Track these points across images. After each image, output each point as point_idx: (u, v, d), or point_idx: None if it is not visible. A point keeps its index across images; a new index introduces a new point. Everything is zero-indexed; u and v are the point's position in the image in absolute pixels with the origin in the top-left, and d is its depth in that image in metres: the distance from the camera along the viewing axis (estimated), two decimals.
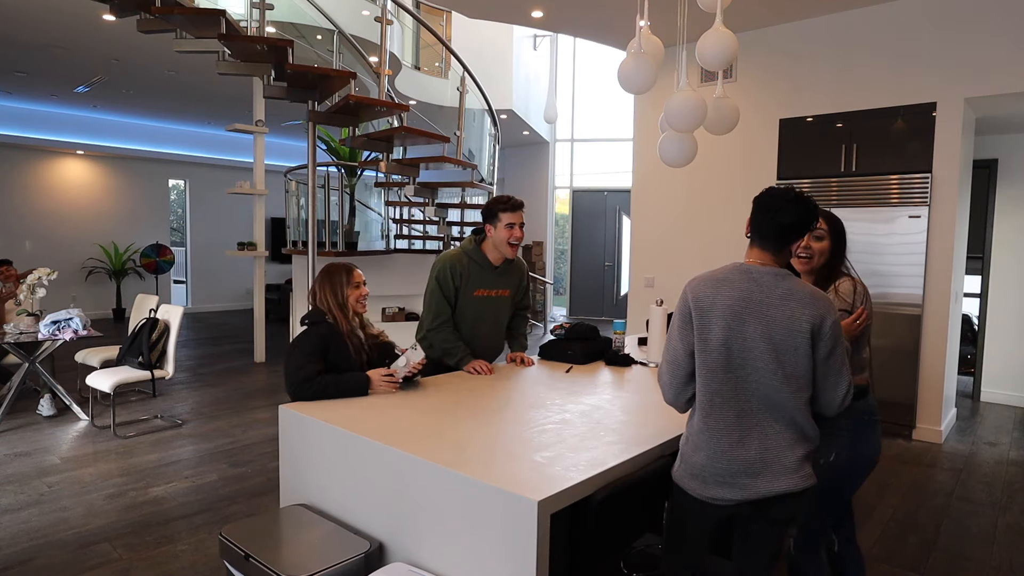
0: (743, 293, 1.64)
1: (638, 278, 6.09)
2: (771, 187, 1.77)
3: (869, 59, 4.76)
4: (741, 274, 1.67)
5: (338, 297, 2.45)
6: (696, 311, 1.66)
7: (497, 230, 2.78)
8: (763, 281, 1.65)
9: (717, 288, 1.66)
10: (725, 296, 1.64)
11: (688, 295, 1.70)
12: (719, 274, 1.69)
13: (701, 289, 1.68)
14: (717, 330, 1.62)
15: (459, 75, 6.42)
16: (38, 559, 2.72)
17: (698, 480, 1.66)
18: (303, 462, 2.11)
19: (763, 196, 1.74)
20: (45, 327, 4.64)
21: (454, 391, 2.44)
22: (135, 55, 6.76)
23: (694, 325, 1.66)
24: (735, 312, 1.62)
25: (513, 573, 1.48)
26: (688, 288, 1.72)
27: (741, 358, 1.61)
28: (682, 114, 2.97)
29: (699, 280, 1.71)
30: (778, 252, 1.71)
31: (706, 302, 1.65)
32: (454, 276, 2.80)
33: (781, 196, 1.70)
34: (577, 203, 11.62)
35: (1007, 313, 5.66)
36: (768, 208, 1.69)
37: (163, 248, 10.91)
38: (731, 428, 1.62)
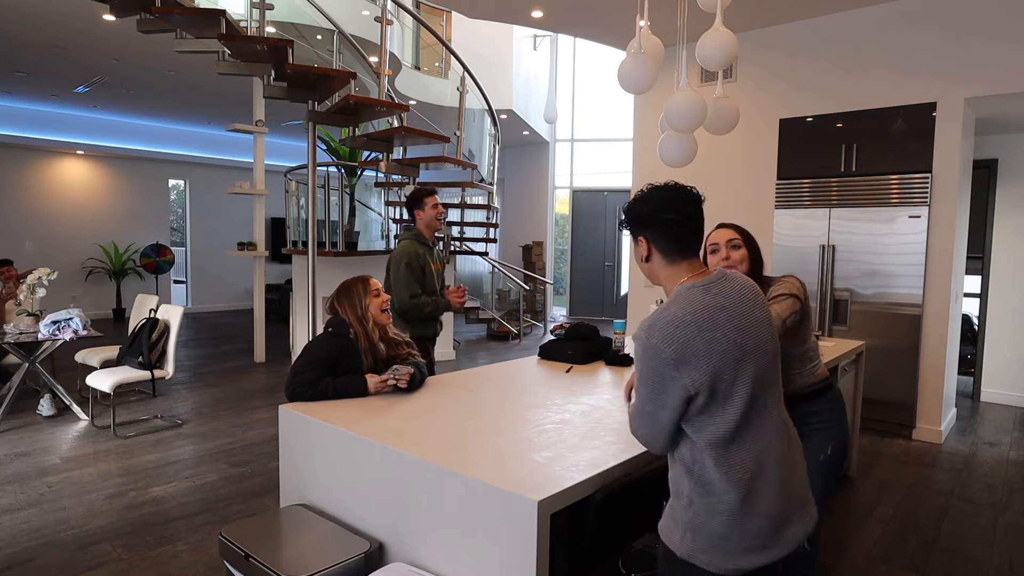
0: (732, 312, 1.35)
1: (638, 278, 6.09)
2: (636, 196, 1.48)
3: (869, 59, 4.76)
4: (704, 294, 1.36)
5: (358, 310, 2.43)
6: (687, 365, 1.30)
7: (426, 211, 3.39)
8: (728, 288, 1.39)
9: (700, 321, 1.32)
10: (709, 327, 1.32)
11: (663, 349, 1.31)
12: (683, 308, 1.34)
13: (675, 338, 1.31)
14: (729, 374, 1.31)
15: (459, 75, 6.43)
16: (38, 559, 2.72)
17: (719, 552, 1.34)
18: (303, 462, 2.11)
19: (649, 200, 1.44)
20: (45, 327, 4.64)
21: (454, 391, 2.44)
22: (135, 55, 6.76)
23: (701, 388, 1.30)
24: (738, 342, 1.33)
25: (513, 573, 1.48)
26: (657, 341, 1.32)
27: (756, 389, 1.35)
28: (682, 114, 2.97)
29: (664, 325, 1.33)
30: (696, 257, 1.44)
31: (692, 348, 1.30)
32: (419, 259, 3.32)
33: (673, 190, 1.44)
34: (577, 203, 11.63)
35: (1007, 313, 5.66)
36: (671, 208, 1.42)
37: (163, 248, 10.91)
38: (751, 473, 1.34)
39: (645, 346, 1.35)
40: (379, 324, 2.48)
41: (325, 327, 2.44)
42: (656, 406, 1.36)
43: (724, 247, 2.16)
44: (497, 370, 2.87)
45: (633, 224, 1.48)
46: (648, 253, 1.46)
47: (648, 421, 1.39)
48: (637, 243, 1.48)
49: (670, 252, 1.43)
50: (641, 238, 1.47)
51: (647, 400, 1.38)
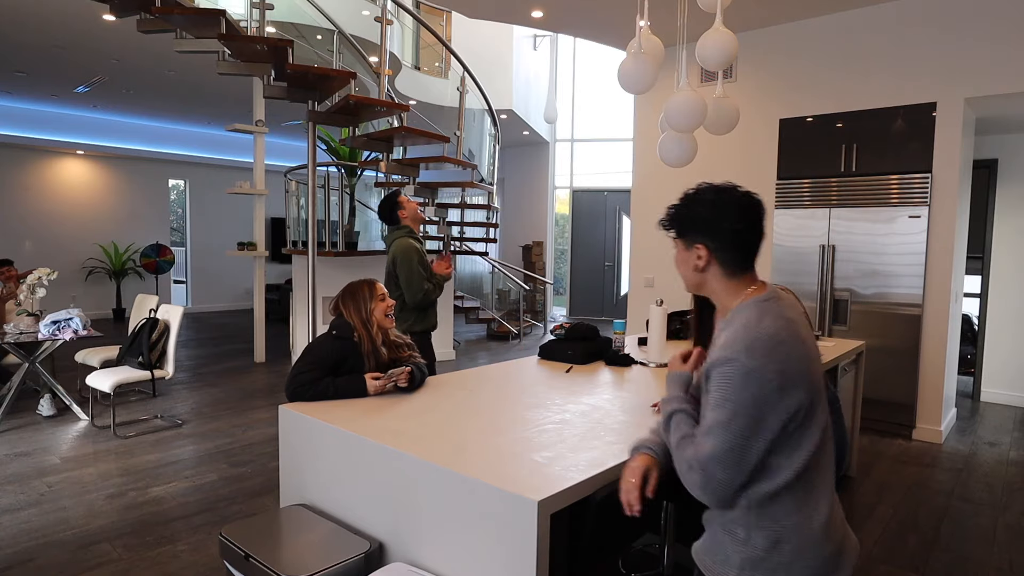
0: (806, 330, 1.26)
1: (638, 278, 6.09)
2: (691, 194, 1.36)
3: (869, 59, 4.76)
4: (781, 306, 1.27)
5: (362, 313, 2.42)
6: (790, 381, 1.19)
7: (408, 209, 3.62)
8: (794, 305, 1.31)
9: (792, 337, 1.22)
10: (803, 342, 1.23)
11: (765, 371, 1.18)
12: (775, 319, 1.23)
13: (778, 353, 1.19)
14: (815, 394, 1.22)
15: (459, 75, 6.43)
16: (38, 559, 2.72)
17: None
18: (303, 462, 2.11)
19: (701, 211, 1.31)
20: (45, 327, 4.64)
21: (454, 391, 2.44)
22: (135, 55, 6.77)
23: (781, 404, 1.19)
24: (815, 355, 1.26)
25: (513, 573, 1.48)
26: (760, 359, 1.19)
27: (825, 414, 1.27)
28: (682, 114, 2.97)
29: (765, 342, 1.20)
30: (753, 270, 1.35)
31: (795, 366, 1.20)
32: (420, 252, 3.55)
33: (751, 198, 1.33)
34: (577, 203, 11.63)
35: (1007, 313, 5.66)
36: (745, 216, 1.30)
37: (163, 248, 10.92)
38: (822, 502, 1.26)
39: (746, 372, 1.18)
40: (383, 328, 2.47)
41: (329, 329, 2.44)
42: (750, 442, 1.19)
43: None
44: (497, 370, 2.87)
45: (689, 228, 1.32)
46: (706, 263, 1.31)
47: (735, 461, 1.19)
48: (690, 249, 1.33)
49: (734, 264, 1.29)
50: (700, 246, 1.31)
51: (738, 436, 1.19)
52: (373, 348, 2.41)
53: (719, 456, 1.21)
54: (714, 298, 1.35)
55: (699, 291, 1.39)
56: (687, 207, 1.34)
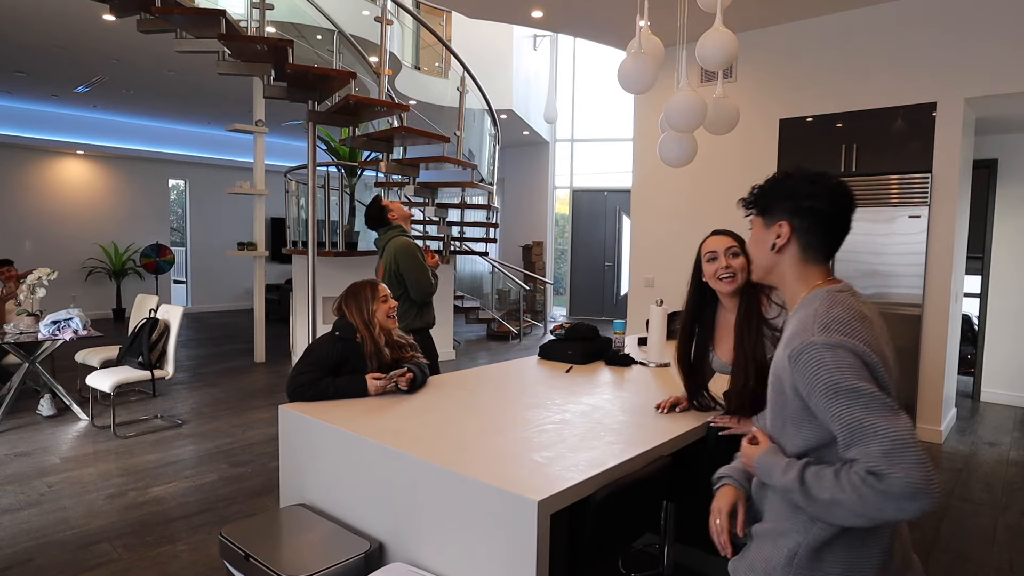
0: (882, 330, 1.18)
1: (638, 278, 6.09)
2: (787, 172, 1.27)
3: (869, 59, 4.76)
4: (856, 300, 1.19)
5: (364, 314, 2.42)
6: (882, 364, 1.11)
7: (396, 209, 3.63)
8: (871, 307, 1.22)
9: (867, 328, 1.13)
10: (877, 338, 1.14)
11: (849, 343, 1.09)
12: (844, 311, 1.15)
13: (859, 335, 1.11)
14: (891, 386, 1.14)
15: (459, 75, 6.43)
16: (38, 559, 2.72)
17: None
18: (303, 462, 2.11)
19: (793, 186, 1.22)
20: (45, 327, 4.64)
21: (454, 391, 2.44)
22: (135, 55, 6.76)
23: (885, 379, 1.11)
24: (891, 356, 1.17)
25: (513, 573, 1.48)
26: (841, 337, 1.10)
27: None
28: (682, 114, 2.97)
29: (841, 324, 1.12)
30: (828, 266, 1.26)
31: (877, 350, 1.11)
32: (420, 250, 3.57)
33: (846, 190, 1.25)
34: (577, 203, 11.63)
35: (1007, 313, 5.66)
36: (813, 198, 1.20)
37: (163, 248, 10.92)
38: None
39: (832, 346, 1.08)
40: (385, 329, 2.47)
41: (332, 329, 2.44)
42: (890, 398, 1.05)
43: (723, 255, 2.05)
44: (497, 370, 2.87)
45: (775, 204, 1.23)
46: (785, 243, 1.22)
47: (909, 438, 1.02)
48: (770, 227, 1.23)
49: (814, 249, 1.21)
50: (783, 223, 1.22)
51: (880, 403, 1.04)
52: (376, 349, 2.40)
53: (903, 440, 1.01)
54: (782, 285, 1.26)
55: (767, 277, 1.29)
56: (779, 182, 1.25)
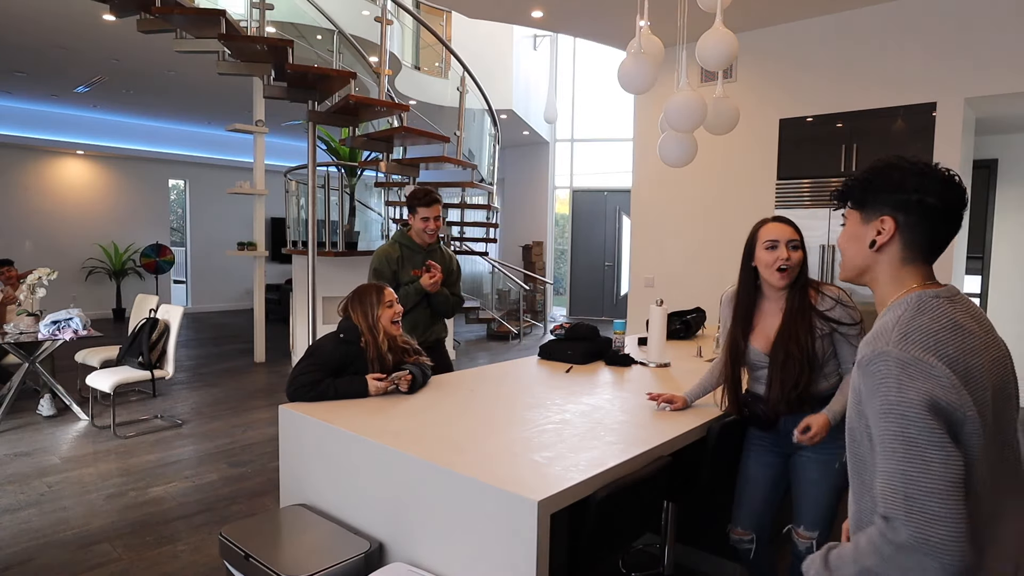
0: (982, 337, 1.04)
1: (638, 278, 6.09)
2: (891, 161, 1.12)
3: (869, 59, 4.76)
4: (952, 308, 1.05)
5: (369, 319, 2.41)
6: (961, 384, 0.97)
7: (415, 221, 3.12)
8: (971, 310, 1.08)
9: (961, 343, 1.00)
10: (971, 350, 1.00)
11: (931, 363, 0.97)
12: (935, 320, 1.02)
13: (944, 347, 0.99)
14: (983, 405, 0.98)
15: (459, 75, 6.43)
16: (38, 559, 2.72)
17: None
18: (303, 462, 2.11)
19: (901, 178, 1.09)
20: (45, 327, 4.64)
21: (454, 391, 2.44)
22: (135, 55, 6.76)
23: (960, 409, 0.96)
24: (992, 369, 1.02)
25: (513, 573, 1.48)
26: (917, 353, 0.98)
27: (1006, 437, 1.04)
28: (682, 114, 2.97)
29: (923, 336, 1.00)
30: (931, 267, 1.13)
31: (961, 365, 0.98)
32: (389, 263, 3.07)
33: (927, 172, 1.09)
34: (577, 203, 11.63)
35: (1007, 313, 5.66)
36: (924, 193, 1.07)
37: (163, 248, 10.92)
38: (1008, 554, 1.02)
39: (904, 363, 0.97)
40: (389, 334, 2.47)
41: (336, 331, 2.43)
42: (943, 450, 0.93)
43: (784, 246, 1.95)
44: (497, 370, 2.87)
45: (877, 196, 1.10)
46: (887, 240, 1.09)
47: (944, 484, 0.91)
48: (870, 223, 1.11)
49: (917, 249, 1.08)
50: (887, 218, 1.09)
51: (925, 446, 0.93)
52: (379, 353, 2.40)
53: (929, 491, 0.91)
54: (876, 287, 1.14)
55: (860, 278, 1.17)
56: (883, 172, 1.11)
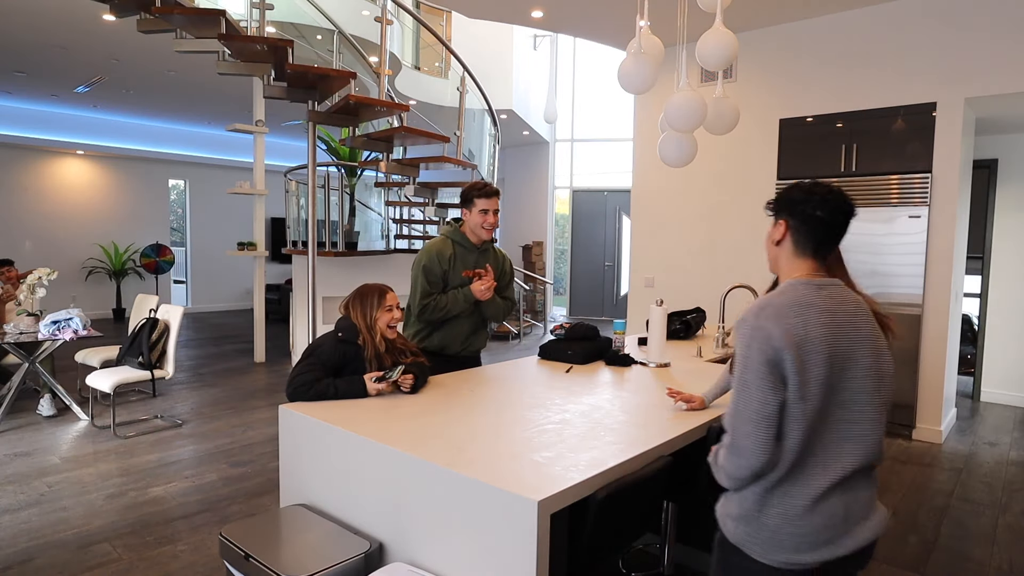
0: (831, 315, 1.36)
1: (638, 278, 6.09)
2: (796, 183, 1.51)
3: (869, 59, 4.76)
4: (813, 292, 1.39)
5: (367, 319, 2.42)
6: (791, 348, 1.31)
7: (472, 215, 2.89)
8: (838, 295, 1.41)
9: (804, 315, 1.34)
10: (816, 323, 1.34)
11: (771, 330, 1.33)
12: (794, 298, 1.38)
13: (786, 320, 1.33)
14: (818, 368, 1.32)
15: (459, 75, 6.42)
16: (38, 559, 2.72)
17: (769, 544, 1.39)
18: (303, 462, 2.11)
19: (813, 199, 1.45)
20: (45, 327, 4.64)
21: (454, 391, 2.44)
22: (135, 55, 6.76)
23: (789, 368, 1.31)
24: (832, 341, 1.34)
25: (513, 573, 1.48)
26: (764, 322, 1.35)
27: (840, 396, 1.36)
28: (682, 114, 2.97)
29: (774, 310, 1.36)
30: (827, 259, 1.48)
31: (799, 334, 1.32)
32: (441, 261, 2.85)
33: (834, 194, 1.44)
34: (577, 203, 11.63)
35: (1007, 313, 5.66)
36: (824, 208, 1.43)
37: (163, 248, 10.92)
38: (817, 481, 1.36)
39: (752, 329, 1.35)
40: (385, 337, 2.47)
41: (335, 330, 2.43)
42: (768, 396, 1.32)
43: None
44: (497, 370, 2.87)
45: (780, 205, 1.51)
46: (782, 238, 1.49)
47: (758, 416, 1.32)
48: (776, 224, 1.52)
49: (802, 246, 1.46)
50: (782, 221, 1.49)
51: (756, 390, 1.33)
52: (376, 354, 2.41)
53: (745, 420, 1.33)
54: (779, 274, 1.51)
55: (774, 267, 1.54)
56: (788, 190, 1.51)
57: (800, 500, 1.36)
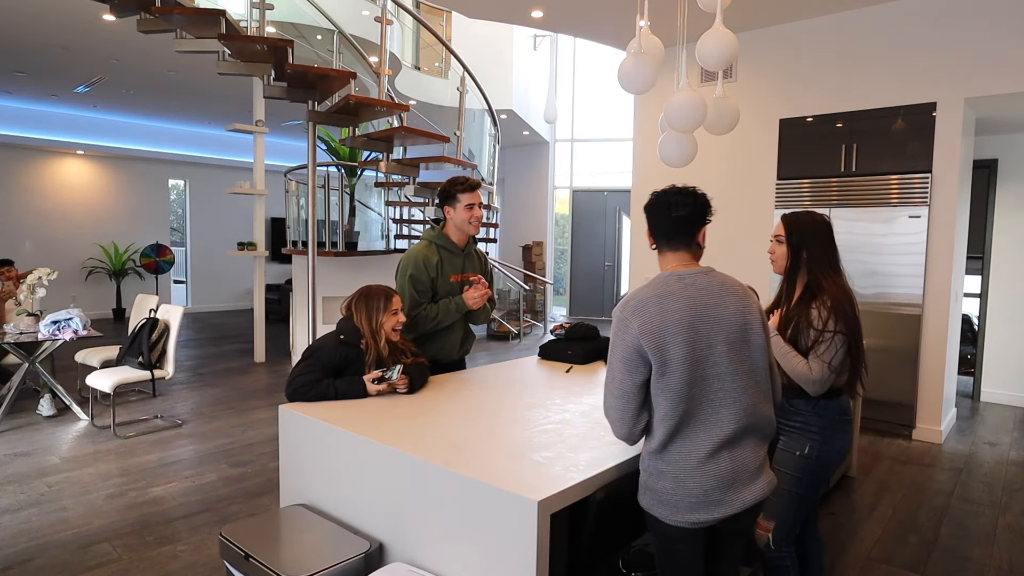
0: (688, 301, 1.56)
1: (638, 278, 6.09)
2: (655, 191, 1.74)
3: (869, 59, 4.76)
4: (675, 282, 1.60)
5: (372, 323, 2.39)
6: (647, 336, 1.52)
7: (457, 212, 2.73)
8: (697, 283, 1.60)
9: (662, 306, 1.54)
10: (672, 310, 1.54)
11: (631, 322, 1.55)
12: (654, 290, 1.59)
13: (645, 312, 1.54)
14: (676, 348, 1.51)
15: (459, 75, 6.42)
16: (38, 559, 2.72)
17: (669, 507, 1.56)
18: (303, 462, 2.11)
19: (652, 199, 1.71)
20: (45, 327, 4.64)
21: (454, 391, 2.44)
22: (135, 55, 6.76)
23: (647, 351, 1.52)
24: (689, 324, 1.53)
25: (513, 573, 1.48)
26: (626, 314, 1.57)
27: (703, 369, 1.54)
28: (682, 114, 2.97)
29: (637, 303, 1.57)
30: (690, 248, 1.68)
31: (655, 323, 1.52)
32: (428, 268, 2.70)
33: (668, 192, 1.69)
34: (577, 203, 11.63)
35: (1007, 313, 5.66)
36: (662, 207, 1.68)
37: (163, 248, 10.91)
38: (700, 444, 1.54)
39: (618, 320, 1.59)
40: (389, 340, 2.46)
41: (336, 332, 2.41)
42: (628, 378, 1.56)
43: (773, 239, 2.18)
44: (497, 370, 2.87)
45: (646, 213, 1.73)
46: (651, 241, 1.73)
47: (621, 394, 1.57)
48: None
49: (659, 241, 1.70)
50: (647, 227, 1.73)
51: (619, 372, 1.57)
52: (378, 358, 2.40)
53: (611, 394, 1.59)
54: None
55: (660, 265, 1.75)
56: (652, 196, 1.75)
57: (689, 461, 1.54)
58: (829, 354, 1.97)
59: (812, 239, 2.09)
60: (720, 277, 1.65)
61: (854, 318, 2.03)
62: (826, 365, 1.97)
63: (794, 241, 2.11)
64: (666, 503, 1.56)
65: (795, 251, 2.11)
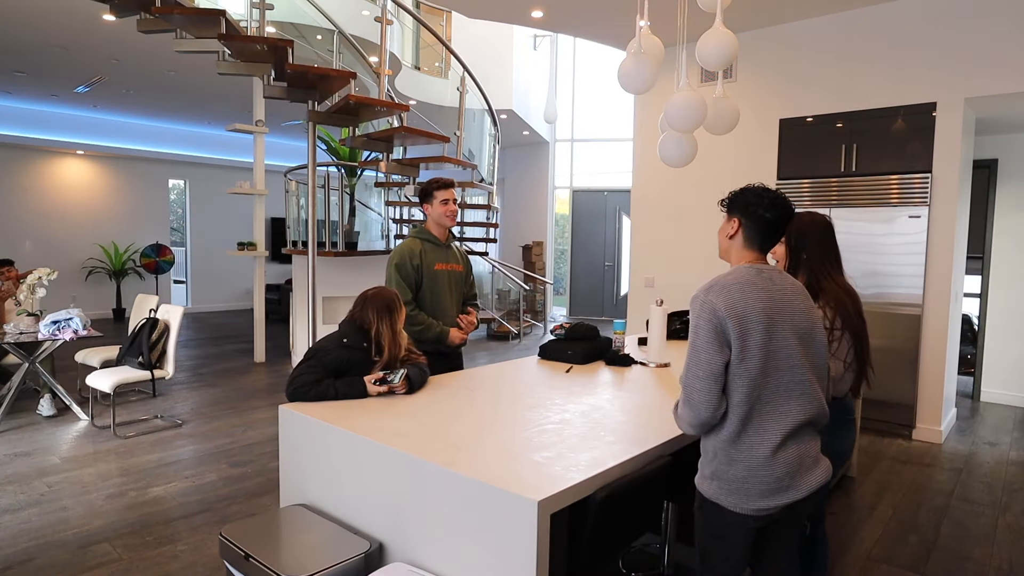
0: (768, 293, 1.62)
1: (638, 278, 6.09)
2: (747, 186, 1.76)
3: (869, 59, 4.76)
4: (755, 274, 1.65)
5: (395, 333, 2.39)
6: (732, 319, 1.56)
7: (434, 207, 3.03)
8: (774, 278, 1.66)
9: (744, 292, 1.59)
10: (755, 299, 1.59)
11: (716, 304, 1.58)
12: (736, 278, 1.63)
13: (730, 296, 1.59)
14: (756, 335, 1.56)
15: (459, 75, 6.43)
16: (38, 559, 2.72)
17: (739, 495, 1.60)
18: (303, 462, 2.11)
19: (747, 196, 1.73)
20: (45, 327, 4.64)
21: (453, 391, 2.44)
22: (135, 55, 6.76)
23: (731, 334, 1.56)
24: (768, 314, 1.58)
25: (513, 573, 1.48)
26: (712, 297, 1.60)
27: (777, 360, 1.59)
28: (682, 114, 2.97)
29: (721, 287, 1.62)
30: (764, 253, 1.74)
31: (740, 308, 1.57)
32: (412, 258, 2.95)
33: (764, 194, 1.71)
34: (577, 203, 11.63)
35: (1007, 313, 5.66)
36: (757, 207, 1.70)
37: (163, 248, 10.91)
38: (772, 433, 1.59)
39: (702, 303, 1.61)
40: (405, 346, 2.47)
41: (340, 335, 2.39)
42: (715, 358, 1.57)
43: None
44: (497, 370, 2.87)
45: (735, 205, 1.75)
46: (735, 232, 1.73)
47: (706, 376, 1.57)
48: (729, 220, 1.76)
49: (751, 241, 1.71)
50: (736, 219, 1.74)
51: (704, 352, 1.58)
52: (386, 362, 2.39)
53: (695, 376, 1.58)
54: (730, 261, 1.76)
55: (725, 255, 1.78)
56: (742, 193, 1.75)
57: (762, 451, 1.58)
58: (842, 352, 1.99)
59: (811, 240, 2.10)
60: (789, 277, 1.72)
61: (857, 316, 2.03)
62: (841, 363, 1.99)
63: (793, 242, 2.12)
64: (736, 491, 1.60)
65: (794, 252, 2.12)
